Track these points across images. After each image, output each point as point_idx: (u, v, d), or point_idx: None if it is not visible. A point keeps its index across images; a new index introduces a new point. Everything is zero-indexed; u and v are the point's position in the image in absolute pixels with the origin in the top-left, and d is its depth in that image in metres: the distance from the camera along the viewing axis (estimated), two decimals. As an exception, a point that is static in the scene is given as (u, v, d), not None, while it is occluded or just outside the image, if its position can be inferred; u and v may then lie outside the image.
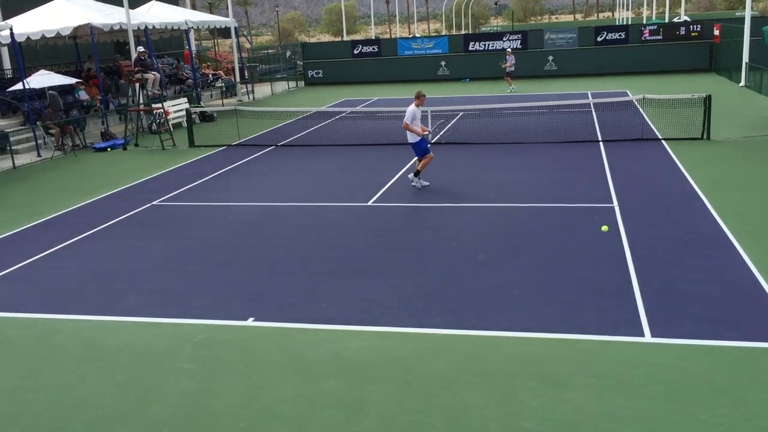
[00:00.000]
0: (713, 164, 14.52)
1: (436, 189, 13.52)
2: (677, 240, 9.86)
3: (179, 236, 11.40)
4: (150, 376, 6.79)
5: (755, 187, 12.63)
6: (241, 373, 6.73)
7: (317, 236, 11.00)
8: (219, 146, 19.85)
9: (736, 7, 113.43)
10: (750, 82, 27.04)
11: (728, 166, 14.30)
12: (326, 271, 9.36)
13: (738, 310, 7.51)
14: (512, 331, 7.27)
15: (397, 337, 7.32)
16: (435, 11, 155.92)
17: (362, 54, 38.90)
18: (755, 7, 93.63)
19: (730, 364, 6.39)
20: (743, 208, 11.30)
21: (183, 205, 13.53)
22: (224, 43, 63.14)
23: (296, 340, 7.38)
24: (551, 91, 29.56)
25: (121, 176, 16.46)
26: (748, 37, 27.12)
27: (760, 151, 15.56)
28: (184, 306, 8.45)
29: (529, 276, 8.81)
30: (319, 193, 13.78)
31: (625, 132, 18.13)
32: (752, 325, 7.15)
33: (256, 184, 14.93)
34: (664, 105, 20.37)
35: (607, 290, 8.20)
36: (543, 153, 16.55)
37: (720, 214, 10.92)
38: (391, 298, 8.35)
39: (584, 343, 6.95)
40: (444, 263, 9.43)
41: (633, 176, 13.78)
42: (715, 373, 6.25)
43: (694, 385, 6.06)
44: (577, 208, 11.80)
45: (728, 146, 16.26)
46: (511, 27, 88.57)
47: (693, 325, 7.19)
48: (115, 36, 29.45)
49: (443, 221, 11.50)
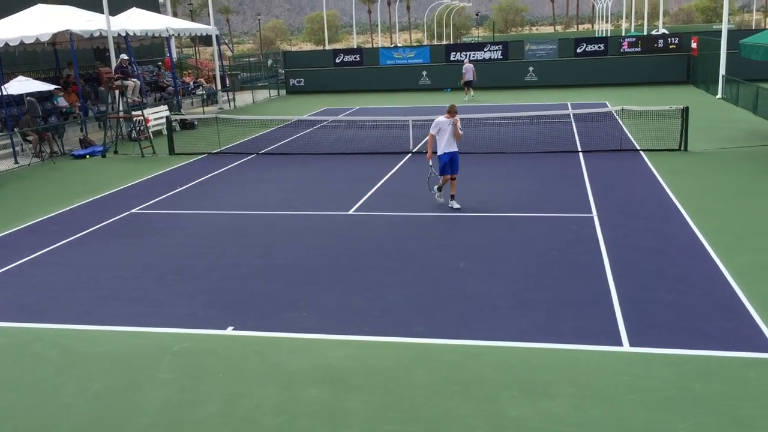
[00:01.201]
0: (690, 175, 14.70)
1: (417, 198, 13.55)
2: (655, 250, 9.97)
3: (159, 244, 11.32)
4: (129, 385, 6.73)
5: (732, 198, 12.81)
6: (220, 383, 6.69)
7: (298, 245, 10.98)
8: (199, 154, 19.77)
9: (713, 20, 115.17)
10: (726, 94, 27.44)
11: (705, 177, 14.49)
12: (307, 280, 9.34)
13: (715, 319, 7.60)
14: (493, 341, 7.30)
15: (378, 347, 7.32)
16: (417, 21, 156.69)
17: (344, 63, 38.97)
18: (732, 20, 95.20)
19: (707, 373, 6.46)
20: (720, 218, 11.46)
21: (163, 213, 13.44)
22: (205, 50, 63.01)
23: (276, 349, 7.35)
24: (532, 101, 29.78)
25: (100, 184, 16.33)
26: (725, 50, 27.56)
27: (737, 162, 15.79)
28: (164, 315, 8.39)
29: (510, 285, 8.85)
30: (300, 202, 13.77)
31: (604, 143, 18.32)
32: (729, 334, 7.24)
33: (237, 193, 14.88)
34: (643, 116, 20.61)
35: (587, 299, 8.27)
36: (523, 163, 16.67)
37: (697, 224, 11.06)
38: (372, 307, 8.35)
39: (564, 353, 7.00)
40: (426, 272, 9.46)
41: (612, 187, 13.92)
42: (693, 382, 6.31)
43: (671, 394, 6.12)
44: (557, 218, 11.89)
45: (705, 157, 16.48)
46: (492, 38, 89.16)
47: (671, 334, 7.27)
48: (95, 43, 29.26)
49: (425, 230, 11.53)
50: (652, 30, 54.06)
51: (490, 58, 37.10)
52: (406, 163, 17.28)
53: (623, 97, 28.47)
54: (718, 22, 74.95)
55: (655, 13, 79.57)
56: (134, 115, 21.94)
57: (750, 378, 6.35)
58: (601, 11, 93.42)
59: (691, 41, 34.42)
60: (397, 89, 37.30)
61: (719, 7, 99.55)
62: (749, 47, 19.74)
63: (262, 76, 44.84)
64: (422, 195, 13.69)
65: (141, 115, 21.86)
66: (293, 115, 25.76)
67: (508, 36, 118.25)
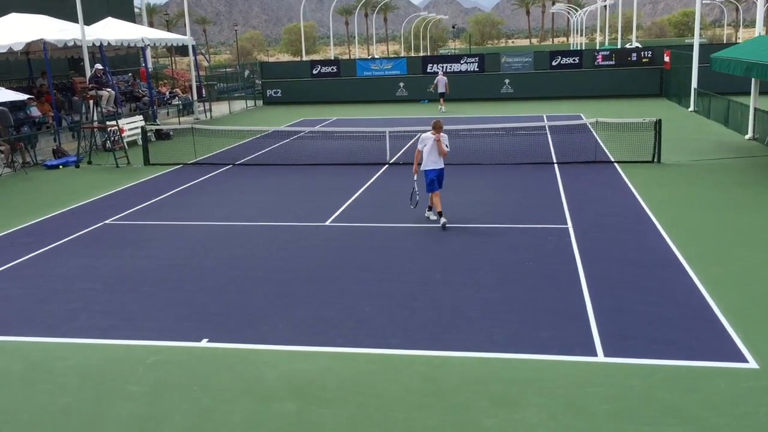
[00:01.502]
0: (664, 187, 14.87)
1: (394, 209, 13.55)
2: (629, 261, 10.05)
3: (132, 256, 11.19)
4: (97, 399, 6.62)
5: (704, 210, 12.97)
6: (192, 396, 6.61)
7: (274, 256, 10.92)
8: (175, 165, 19.62)
9: (686, 34, 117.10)
10: (698, 107, 27.86)
11: (678, 189, 14.67)
12: (283, 292, 9.29)
13: (687, 330, 7.67)
14: (467, 351, 7.30)
15: (352, 358, 7.29)
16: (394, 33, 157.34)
17: (321, 74, 38.99)
18: (703, 35, 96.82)
19: (679, 383, 6.51)
20: (692, 229, 11.59)
21: (137, 224, 13.31)
22: (182, 60, 62.74)
23: (251, 362, 7.28)
24: (508, 113, 29.99)
25: (73, 194, 16.13)
26: (697, 64, 27.99)
27: (709, 174, 16.01)
28: (137, 327, 8.28)
29: (485, 296, 8.87)
30: (276, 213, 13.70)
31: (579, 154, 18.48)
32: (700, 344, 7.31)
33: (212, 204, 14.78)
34: (617, 128, 20.84)
35: (561, 310, 8.30)
36: (499, 174, 16.77)
37: (670, 235, 11.18)
38: (347, 318, 8.31)
39: (537, 363, 7.01)
40: (401, 283, 9.44)
41: (586, 198, 14.04)
42: (665, 391, 6.35)
43: (643, 404, 6.15)
44: (532, 229, 11.95)
45: (678, 169, 16.69)
46: (468, 50, 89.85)
47: (644, 344, 7.32)
48: (69, 52, 29.00)
49: (401, 241, 11.53)
50: (626, 43, 54.82)
51: (466, 70, 37.33)
52: (383, 174, 17.30)
53: (598, 110, 28.79)
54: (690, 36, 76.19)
55: (629, 27, 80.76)
56: (109, 125, 21.73)
57: (720, 388, 6.40)
58: (576, 25, 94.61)
59: (663, 55, 34.93)
60: (374, 100, 37.36)
61: (691, 22, 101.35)
62: (720, 61, 20.08)
63: (238, 87, 44.69)
64: (399, 206, 13.69)
65: (116, 125, 21.66)
66: (270, 126, 25.70)
67: (485, 48, 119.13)
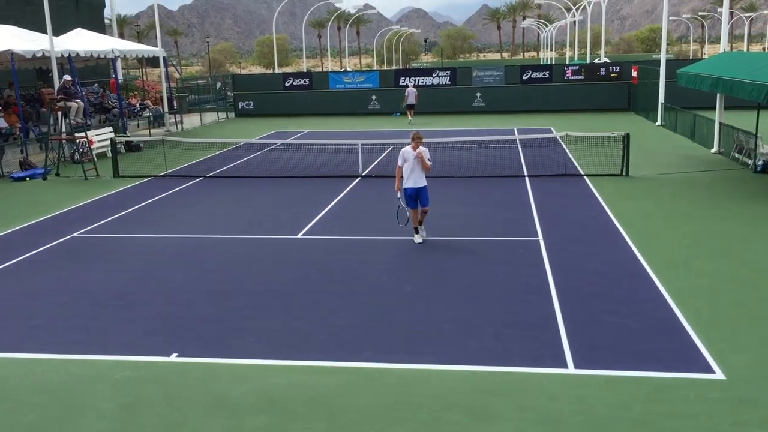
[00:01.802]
0: (632, 199, 15.07)
1: (366, 222, 13.55)
2: (599, 273, 10.15)
3: (101, 269, 11.02)
4: (64, 416, 6.49)
5: (671, 222, 13.16)
6: (161, 412, 6.51)
7: (245, 269, 10.84)
8: (145, 177, 19.42)
9: (653, 50, 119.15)
10: (665, 121, 28.34)
11: (646, 202, 14.87)
12: (254, 305, 9.21)
13: (656, 341, 7.75)
14: (439, 364, 7.30)
15: (324, 372, 7.24)
16: (366, 46, 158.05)
17: (293, 86, 38.95)
18: (670, 50, 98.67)
19: (649, 394, 6.57)
20: (660, 241, 11.75)
21: (105, 237, 13.13)
22: (153, 72, 62.21)
23: (220, 377, 7.20)
24: (479, 126, 30.22)
25: (41, 207, 15.87)
26: (664, 79, 28.50)
27: (676, 187, 16.26)
28: (105, 342, 8.14)
29: (457, 309, 8.89)
30: (247, 226, 13.61)
31: (550, 167, 18.66)
32: (669, 355, 7.39)
33: (183, 216, 14.64)
34: (586, 142, 21.09)
35: (532, 322, 8.35)
36: (471, 187, 16.86)
37: (638, 247, 11.32)
38: (319, 332, 8.27)
39: (509, 376, 7.03)
40: (373, 296, 9.43)
41: (557, 210, 14.16)
42: (636, 402, 6.41)
43: (614, 415, 6.20)
44: (503, 241, 12.02)
45: (646, 182, 16.94)
46: (440, 63, 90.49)
47: (614, 356, 7.38)
48: (37, 63, 28.60)
49: (373, 254, 11.52)
50: (595, 59, 55.64)
51: (438, 84, 37.58)
52: (355, 187, 17.30)
53: (568, 123, 29.13)
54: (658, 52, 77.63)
55: (598, 42, 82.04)
56: (77, 137, 21.46)
57: (689, 398, 6.48)
58: (546, 40, 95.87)
59: (631, 70, 35.51)
60: (346, 113, 37.40)
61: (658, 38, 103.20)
62: (687, 76, 20.47)
63: (210, 99, 44.45)
64: (371, 219, 13.69)
65: (84, 137, 21.40)
66: (242, 138, 25.59)
67: (456, 62, 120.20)
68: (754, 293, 9.23)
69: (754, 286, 9.50)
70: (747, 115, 21.02)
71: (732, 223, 12.89)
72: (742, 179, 17.00)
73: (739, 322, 8.28)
